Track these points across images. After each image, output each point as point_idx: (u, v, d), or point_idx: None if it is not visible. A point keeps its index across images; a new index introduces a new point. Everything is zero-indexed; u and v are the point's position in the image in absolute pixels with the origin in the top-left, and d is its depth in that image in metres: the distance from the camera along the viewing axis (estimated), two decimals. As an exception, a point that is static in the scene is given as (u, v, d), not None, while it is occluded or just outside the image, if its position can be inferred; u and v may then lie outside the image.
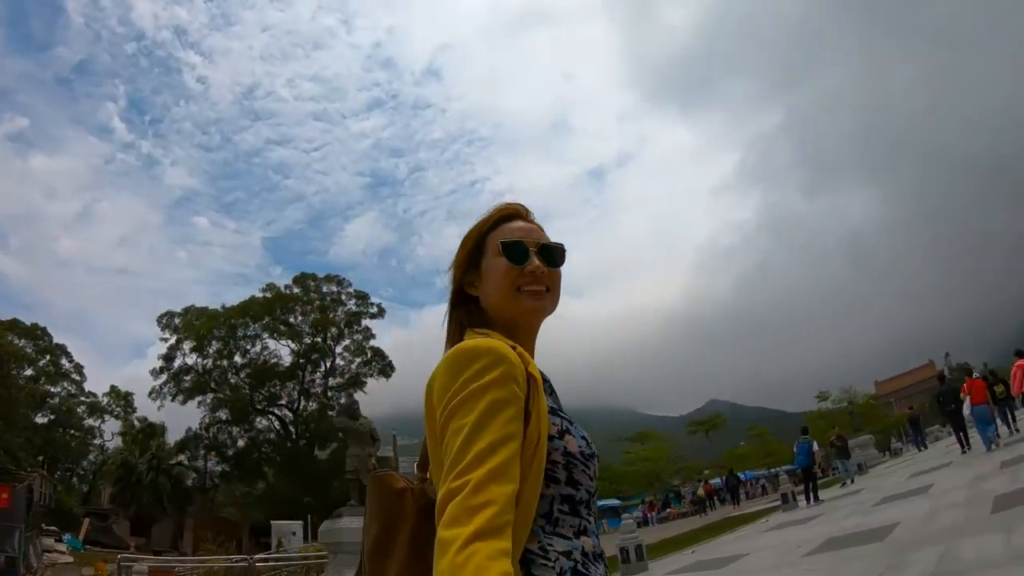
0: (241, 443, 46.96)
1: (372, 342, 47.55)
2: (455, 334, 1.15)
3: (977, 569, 4.63)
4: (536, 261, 1.13)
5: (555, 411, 1.04)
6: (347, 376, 46.96)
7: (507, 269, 1.12)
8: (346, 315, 47.65)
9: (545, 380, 1.09)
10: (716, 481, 40.10)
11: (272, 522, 29.78)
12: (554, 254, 1.16)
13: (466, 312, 1.16)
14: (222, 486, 49.29)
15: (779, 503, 16.43)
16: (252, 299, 46.98)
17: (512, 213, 1.20)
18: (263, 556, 19.55)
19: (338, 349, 47.31)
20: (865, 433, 33.79)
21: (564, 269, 1.18)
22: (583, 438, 1.06)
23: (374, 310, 48.67)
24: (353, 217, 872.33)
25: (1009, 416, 14.23)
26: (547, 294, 1.14)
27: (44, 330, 53.98)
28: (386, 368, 46.83)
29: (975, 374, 15.52)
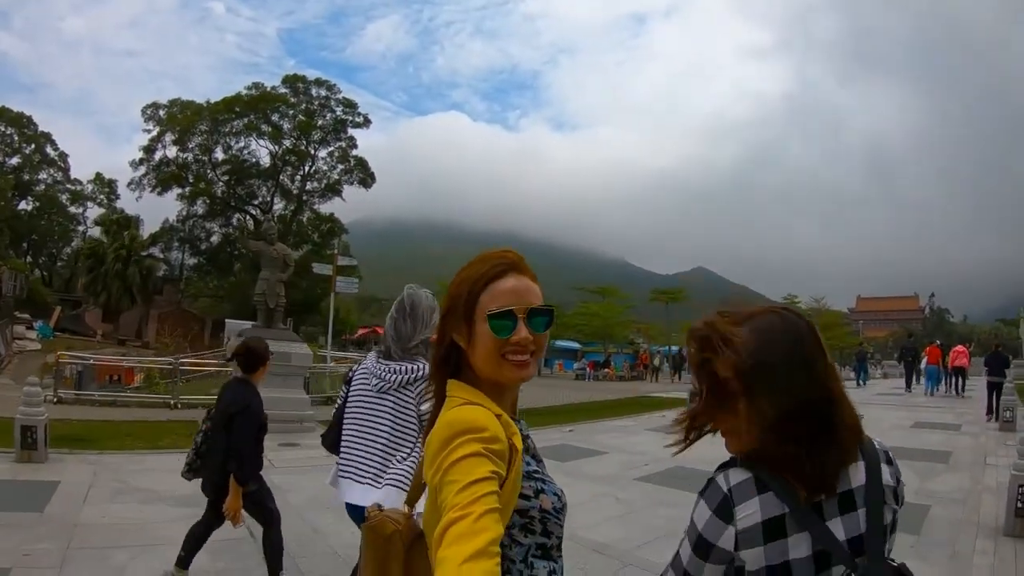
0: (215, 238, 47.79)
1: (355, 152, 47.40)
2: (441, 381, 1.18)
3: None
4: (523, 331, 1.12)
5: (530, 475, 1.14)
6: (325, 182, 47.16)
7: (492, 339, 1.12)
8: (332, 121, 46.91)
9: (526, 438, 1.17)
10: (669, 349, 39.90)
11: (227, 320, 28.93)
12: (542, 319, 1.15)
13: (454, 363, 1.18)
14: (194, 279, 50.53)
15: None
16: (238, 95, 45.64)
17: (504, 268, 1.16)
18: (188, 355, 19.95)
19: (321, 154, 47.27)
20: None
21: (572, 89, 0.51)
22: (555, 494, 1.18)
23: (359, 119, 47.84)
24: (376, 18, 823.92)
25: (953, 380, 20.25)
26: (531, 360, 1.14)
27: (30, 119, 54.09)
28: (367, 179, 47.11)
29: (937, 342, 23.68)
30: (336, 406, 2.92)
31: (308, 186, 47.25)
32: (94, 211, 56.19)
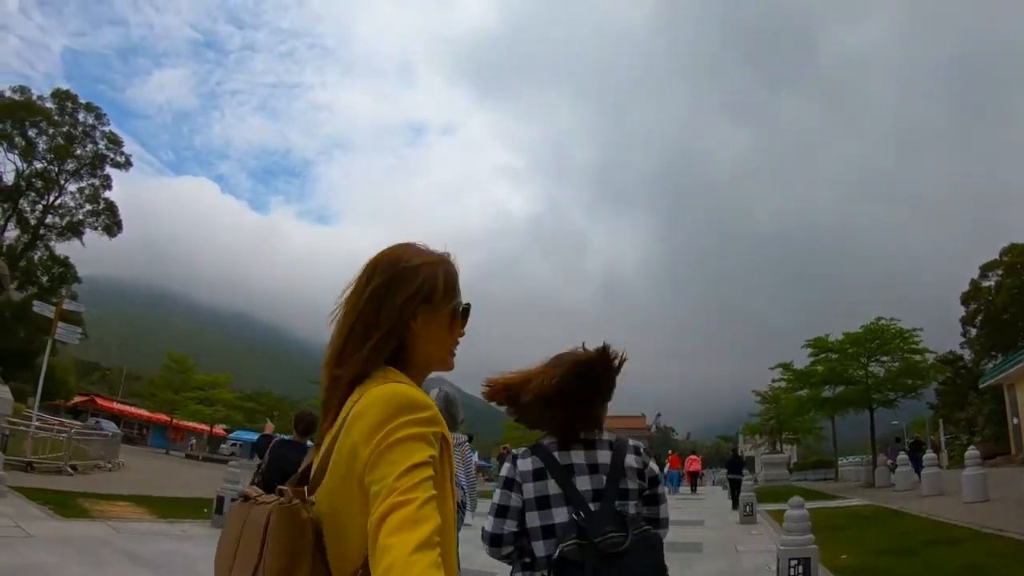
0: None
1: (108, 193, 42.13)
2: (378, 363, 1.11)
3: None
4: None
5: None
6: (68, 219, 40.92)
7: (457, 333, 1.19)
8: (91, 153, 41.31)
9: None
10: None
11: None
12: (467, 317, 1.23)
13: (394, 345, 1.13)
14: None
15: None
16: (-1, 97, 38.10)
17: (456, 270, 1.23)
18: None
19: (71, 187, 40.96)
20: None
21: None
22: (460, 487, 1.27)
23: (121, 159, 42.84)
24: (165, 66, 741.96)
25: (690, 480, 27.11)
26: None
27: None
28: (113, 226, 41.91)
29: (670, 451, 29.16)
30: None
31: (48, 219, 40.11)
32: None
